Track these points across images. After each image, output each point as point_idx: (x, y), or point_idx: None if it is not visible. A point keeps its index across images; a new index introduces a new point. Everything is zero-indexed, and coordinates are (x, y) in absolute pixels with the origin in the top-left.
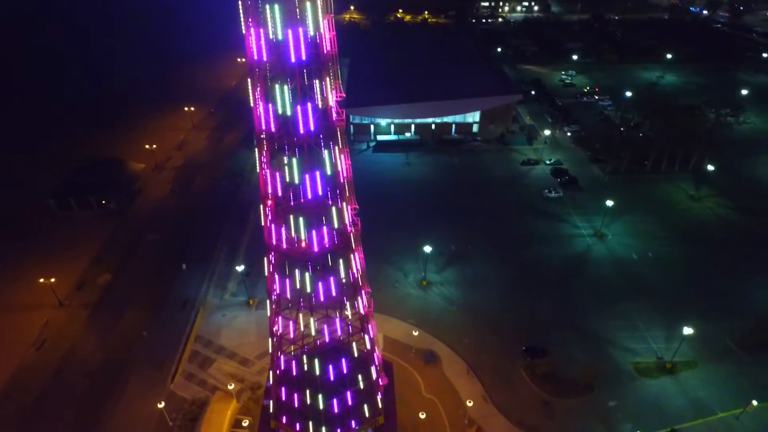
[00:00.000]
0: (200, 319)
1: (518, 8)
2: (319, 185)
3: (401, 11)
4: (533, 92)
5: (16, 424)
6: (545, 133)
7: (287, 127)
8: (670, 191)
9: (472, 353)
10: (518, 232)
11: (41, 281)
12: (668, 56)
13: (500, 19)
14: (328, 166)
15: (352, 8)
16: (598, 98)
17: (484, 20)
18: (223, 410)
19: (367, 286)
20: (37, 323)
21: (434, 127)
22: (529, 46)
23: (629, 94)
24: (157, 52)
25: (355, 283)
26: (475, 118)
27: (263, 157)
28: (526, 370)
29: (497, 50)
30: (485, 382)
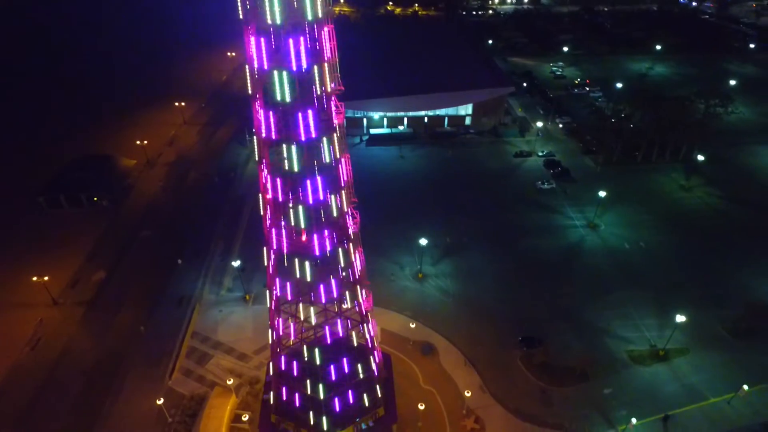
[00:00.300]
0: (196, 315)
1: (508, 0)
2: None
3: (391, 4)
4: (525, 84)
5: (12, 423)
6: (537, 125)
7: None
8: (661, 181)
9: (468, 344)
10: (512, 223)
11: (34, 279)
12: (657, 47)
13: (490, 11)
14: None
15: (342, 1)
16: (589, 90)
17: (474, 12)
18: (222, 405)
19: (366, 279)
20: (31, 322)
21: (427, 120)
22: (519, 38)
23: (620, 85)
24: (145, 46)
25: (354, 276)
26: (467, 110)
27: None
28: (522, 359)
29: (488, 42)
30: (482, 372)
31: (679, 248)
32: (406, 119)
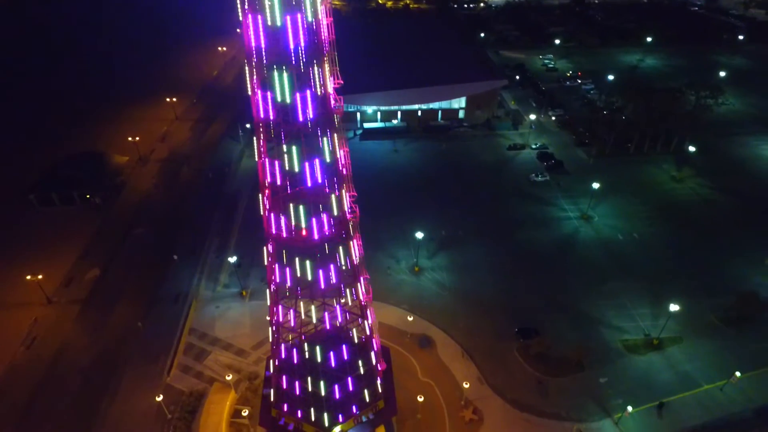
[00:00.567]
0: (193, 311)
1: None
2: (318, 173)
3: None
4: (517, 77)
5: (11, 423)
6: (530, 117)
7: (286, 115)
8: (653, 173)
9: (466, 336)
10: (507, 216)
11: (28, 278)
12: (648, 39)
13: (482, 3)
14: (327, 153)
15: None
16: (580, 82)
17: (465, 5)
18: (221, 401)
19: (365, 272)
20: (25, 321)
21: (420, 113)
22: (511, 31)
23: (611, 77)
24: (136, 42)
25: (354, 269)
26: (461, 103)
27: (261, 145)
28: (519, 351)
29: (479, 35)
30: (480, 364)
31: (671, 239)
32: (399, 113)
